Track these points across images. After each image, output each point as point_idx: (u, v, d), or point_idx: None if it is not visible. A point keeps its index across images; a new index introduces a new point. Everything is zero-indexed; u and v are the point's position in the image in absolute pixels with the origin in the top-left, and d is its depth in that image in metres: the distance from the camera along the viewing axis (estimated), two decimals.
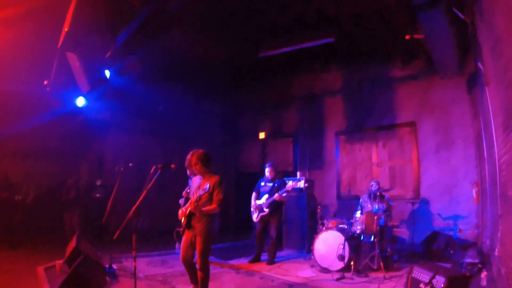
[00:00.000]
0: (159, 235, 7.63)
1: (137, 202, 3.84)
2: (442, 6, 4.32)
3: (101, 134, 8.29)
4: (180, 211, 4.24)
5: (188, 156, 4.21)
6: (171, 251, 6.97)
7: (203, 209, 3.98)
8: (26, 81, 6.32)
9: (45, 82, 6.12)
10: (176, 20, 6.37)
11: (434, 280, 3.25)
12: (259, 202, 6.32)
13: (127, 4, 5.33)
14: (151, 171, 3.99)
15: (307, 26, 6.92)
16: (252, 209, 6.42)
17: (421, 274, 3.54)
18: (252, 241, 7.70)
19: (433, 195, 6.94)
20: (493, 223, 5.11)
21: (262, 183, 6.50)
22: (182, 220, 4.21)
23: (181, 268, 5.78)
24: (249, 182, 8.11)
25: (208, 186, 4.04)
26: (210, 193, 4.04)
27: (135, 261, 3.87)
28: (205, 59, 8.34)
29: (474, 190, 6.46)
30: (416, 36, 5.92)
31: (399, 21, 6.12)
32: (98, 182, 7.88)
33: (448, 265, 4.82)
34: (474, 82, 6.36)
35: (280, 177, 6.61)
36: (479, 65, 4.69)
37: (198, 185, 4.20)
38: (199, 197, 4.07)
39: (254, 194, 6.49)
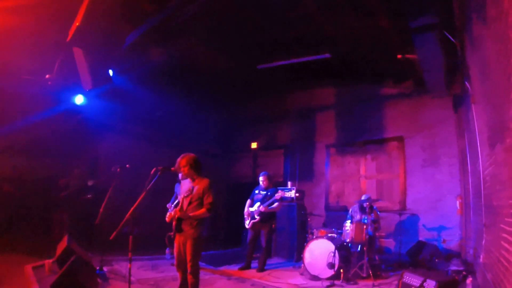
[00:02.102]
0: (147, 240, 7.61)
1: (135, 204, 3.87)
2: (436, 30, 4.61)
3: (96, 135, 8.21)
4: (168, 214, 4.27)
5: (178, 159, 4.25)
6: (161, 256, 6.94)
7: (191, 214, 4.01)
8: (26, 76, 6.26)
9: (47, 76, 6.10)
10: (180, 30, 6.53)
11: (425, 283, 3.40)
12: (251, 209, 6.45)
13: (138, 7, 5.42)
14: (151, 173, 4.03)
15: (305, 44, 7.18)
16: (245, 216, 6.54)
17: (412, 279, 3.69)
18: (242, 249, 7.74)
19: (419, 207, 7.16)
20: (477, 233, 5.34)
21: (256, 191, 6.66)
22: (173, 224, 4.24)
23: (172, 273, 5.81)
24: (240, 193, 8.20)
25: (196, 188, 4.10)
26: (200, 197, 4.08)
27: (130, 262, 3.87)
28: (205, 70, 8.48)
29: (458, 202, 6.73)
30: (408, 56, 6.27)
31: (393, 43, 6.43)
32: (90, 183, 7.81)
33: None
34: (460, 102, 6.70)
35: (274, 186, 6.74)
36: (467, 84, 4.98)
37: (187, 188, 4.24)
38: (189, 201, 4.13)
39: (248, 201, 6.62)
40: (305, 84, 9.52)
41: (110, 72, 5.87)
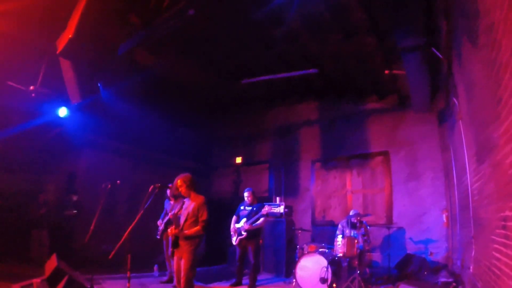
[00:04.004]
0: (132, 257, 7.40)
1: (134, 222, 3.82)
2: (423, 49, 4.86)
3: (74, 150, 7.97)
4: (169, 230, 4.24)
5: (175, 180, 4.34)
6: (149, 274, 6.74)
7: (186, 232, 4.07)
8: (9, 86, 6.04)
9: (31, 88, 5.90)
10: (163, 45, 6.53)
11: None
12: (238, 225, 6.40)
13: (126, 19, 5.38)
14: (149, 190, 4.02)
15: (289, 61, 7.30)
16: (231, 233, 6.47)
17: None
18: (228, 266, 7.63)
19: (405, 221, 7.31)
20: (464, 245, 5.53)
21: (242, 207, 6.61)
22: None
23: None
24: (222, 209, 8.14)
25: (192, 206, 4.16)
26: (195, 214, 4.15)
27: (129, 282, 3.81)
28: (184, 85, 8.46)
29: (444, 215, 6.96)
30: (394, 72, 6.54)
31: (377, 61, 6.66)
32: (75, 198, 7.52)
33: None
34: (443, 117, 6.97)
35: (258, 201, 6.73)
36: (455, 101, 5.24)
37: (186, 206, 4.31)
38: (185, 219, 4.18)
39: (234, 218, 6.57)
40: (287, 99, 9.63)
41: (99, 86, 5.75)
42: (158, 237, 6.31)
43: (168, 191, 6.46)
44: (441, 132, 7.33)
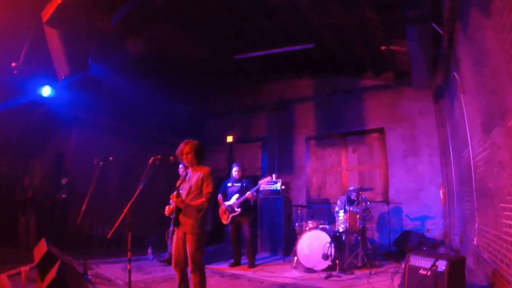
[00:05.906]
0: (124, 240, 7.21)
1: (133, 197, 3.55)
2: (427, 21, 4.72)
3: (61, 129, 7.55)
4: (167, 207, 3.89)
5: (181, 145, 3.93)
6: (143, 257, 6.52)
7: (190, 203, 3.70)
8: None
9: (13, 65, 5.44)
10: (156, 16, 6.15)
11: (437, 263, 3.44)
12: (228, 203, 6.12)
13: None
14: (149, 162, 3.68)
15: (286, 34, 7.02)
16: (220, 212, 6.21)
17: (420, 261, 3.68)
18: (225, 245, 7.50)
19: (402, 198, 7.28)
20: (464, 219, 5.56)
21: (229, 184, 6.36)
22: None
23: (160, 274, 5.50)
24: (216, 187, 7.96)
25: (196, 176, 3.82)
26: (199, 186, 3.77)
27: (129, 263, 3.56)
28: (179, 60, 8.08)
29: (441, 192, 6.99)
30: (392, 47, 6.39)
31: (376, 36, 6.46)
32: (64, 181, 7.14)
33: None
34: (441, 93, 6.93)
35: (252, 179, 6.52)
36: (455, 75, 5.15)
37: (188, 178, 3.93)
38: (188, 191, 3.82)
39: (220, 196, 6.29)
40: (282, 74, 9.37)
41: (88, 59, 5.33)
42: (166, 213, 6.11)
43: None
44: (438, 109, 7.31)
